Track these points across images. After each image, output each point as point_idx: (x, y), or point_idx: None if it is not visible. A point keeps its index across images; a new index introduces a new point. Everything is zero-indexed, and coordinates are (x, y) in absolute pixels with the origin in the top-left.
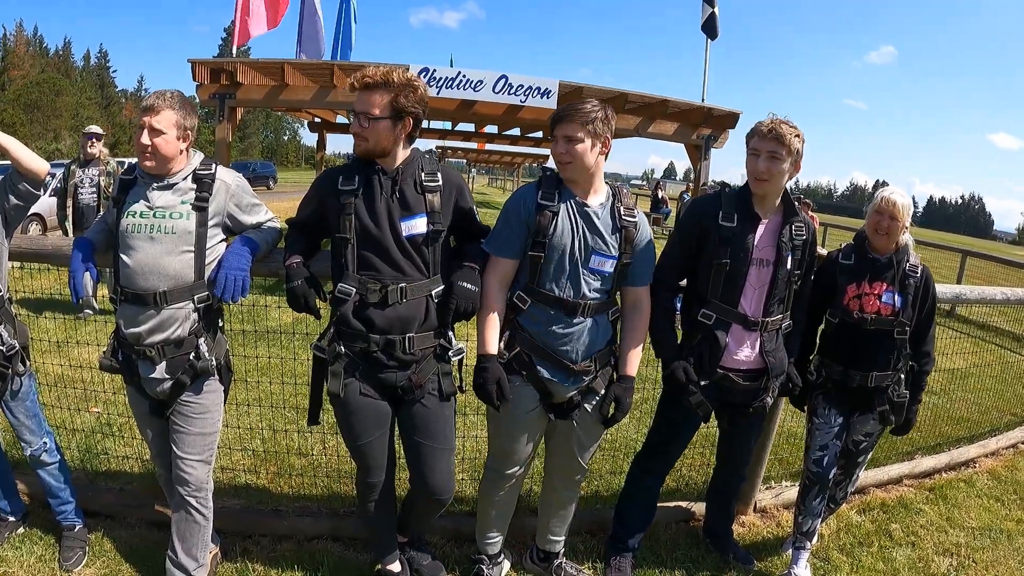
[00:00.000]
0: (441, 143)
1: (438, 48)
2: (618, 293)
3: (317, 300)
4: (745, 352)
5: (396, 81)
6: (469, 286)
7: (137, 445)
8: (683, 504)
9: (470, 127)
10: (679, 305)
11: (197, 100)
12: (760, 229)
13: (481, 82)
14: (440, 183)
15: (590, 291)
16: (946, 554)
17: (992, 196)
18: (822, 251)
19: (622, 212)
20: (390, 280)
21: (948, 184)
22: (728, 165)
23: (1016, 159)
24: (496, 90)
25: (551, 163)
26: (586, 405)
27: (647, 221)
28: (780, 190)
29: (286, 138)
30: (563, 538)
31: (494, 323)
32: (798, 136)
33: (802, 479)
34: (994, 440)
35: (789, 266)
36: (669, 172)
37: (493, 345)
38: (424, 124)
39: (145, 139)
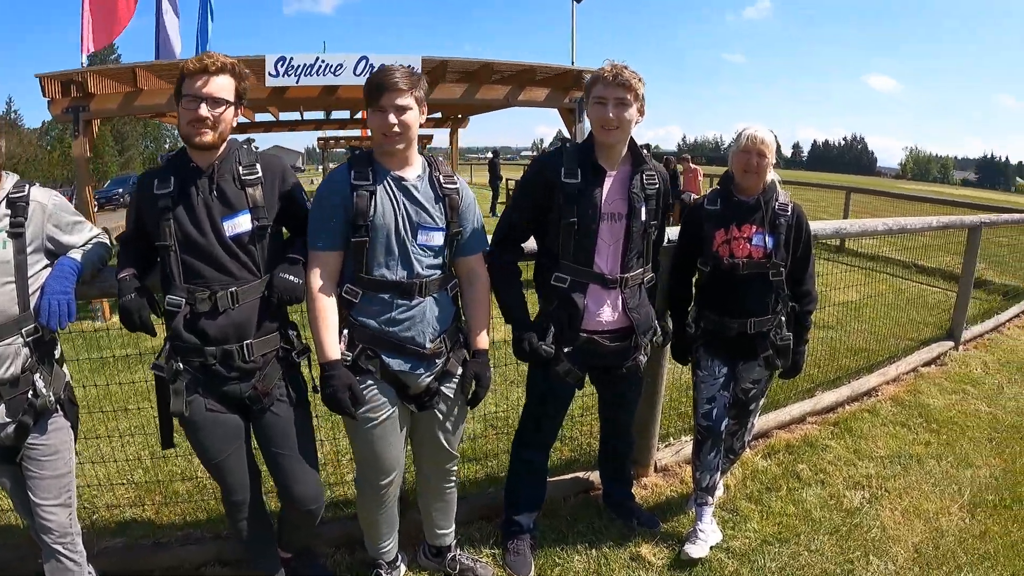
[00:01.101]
0: (322, 134)
1: (314, 36)
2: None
3: (152, 315)
4: (607, 312)
5: (239, 68)
6: (291, 278)
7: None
8: (581, 474)
9: (345, 114)
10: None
11: (50, 117)
12: (608, 182)
13: (341, 66)
14: (260, 174)
15: (424, 268)
16: (857, 487)
17: (874, 135)
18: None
19: (442, 181)
20: (218, 286)
21: (831, 128)
22: None
23: (893, 99)
24: (357, 73)
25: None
26: (444, 389)
27: (469, 188)
28: (627, 138)
29: (167, 146)
30: (451, 530)
31: (328, 324)
32: (641, 80)
33: (694, 434)
34: (893, 367)
35: (644, 218)
36: (559, 140)
37: (334, 349)
38: (297, 116)
39: None
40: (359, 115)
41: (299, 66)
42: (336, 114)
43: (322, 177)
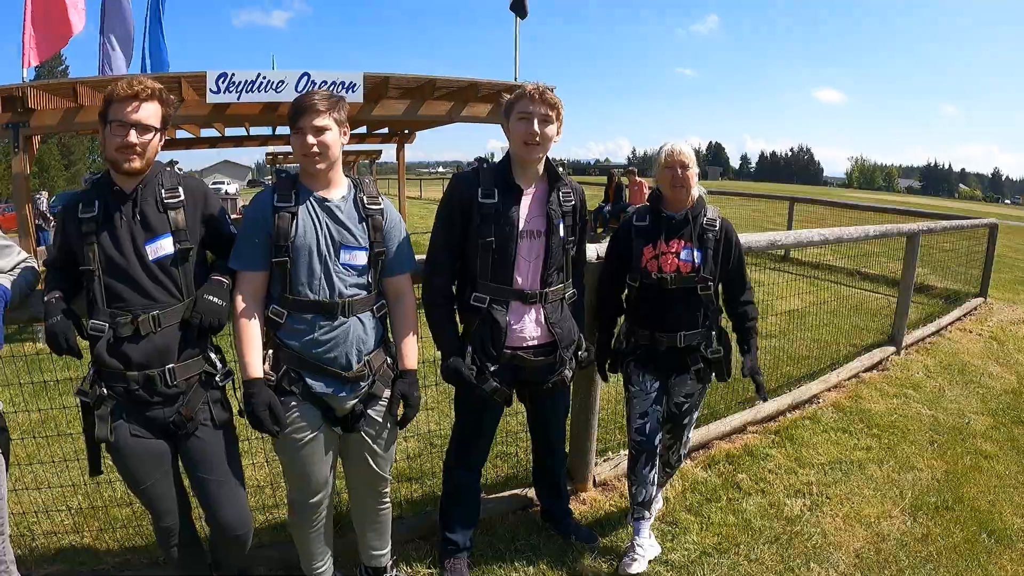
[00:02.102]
0: (270, 150)
1: (263, 49)
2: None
3: (78, 338)
4: (529, 328)
5: (165, 94)
6: (214, 299)
7: None
8: (519, 491)
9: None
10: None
11: None
12: (525, 200)
13: (283, 82)
14: (182, 197)
15: (347, 288)
16: (798, 495)
17: (820, 146)
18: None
19: (366, 202)
20: (140, 309)
21: (778, 139)
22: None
23: (840, 111)
24: (299, 89)
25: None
26: (371, 412)
27: (394, 208)
28: (545, 155)
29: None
30: (387, 550)
31: (252, 344)
32: (560, 101)
33: (629, 449)
34: (835, 373)
35: (562, 234)
36: None
37: (256, 368)
38: (243, 132)
39: None
40: None
41: (240, 82)
42: (282, 130)
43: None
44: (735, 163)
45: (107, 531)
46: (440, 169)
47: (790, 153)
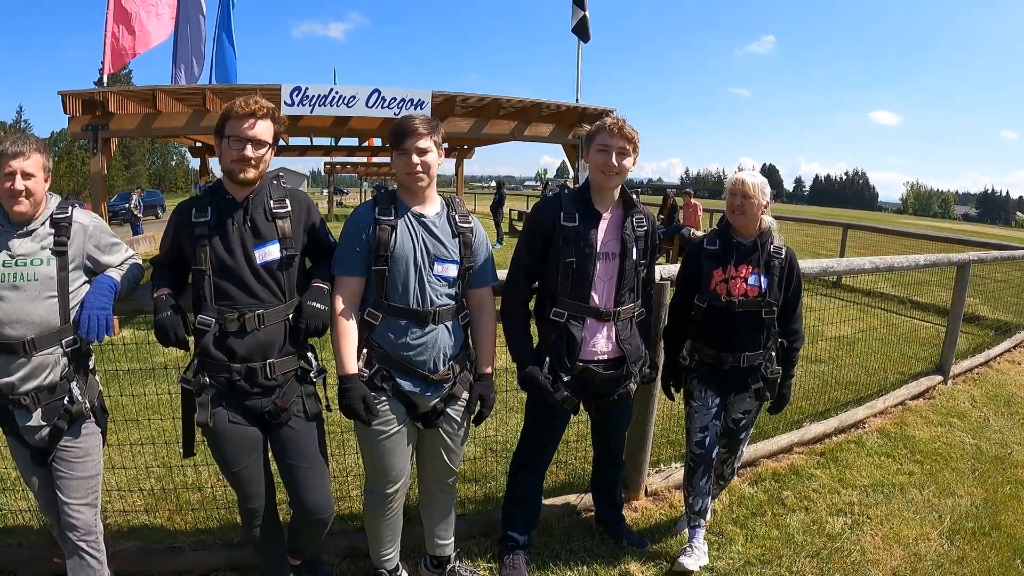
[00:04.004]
0: (329, 160)
1: (323, 60)
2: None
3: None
4: (601, 343)
5: (278, 113)
6: (318, 305)
7: (32, 498)
8: (574, 497)
9: (354, 141)
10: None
11: (58, 128)
12: (602, 224)
13: (354, 98)
14: (289, 208)
15: (438, 297)
16: (839, 514)
17: (875, 170)
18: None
19: (457, 220)
20: (247, 308)
21: (833, 162)
22: None
23: (896, 134)
24: (369, 105)
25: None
26: (450, 411)
27: (481, 227)
28: (621, 184)
29: (174, 163)
30: (451, 541)
31: (349, 342)
32: (637, 133)
33: (686, 461)
34: (881, 400)
35: (635, 257)
36: (562, 171)
37: (352, 364)
38: (307, 141)
39: (19, 184)
40: (366, 143)
41: (314, 96)
42: (344, 140)
43: (327, 200)
44: (789, 186)
45: (178, 513)
46: (492, 184)
47: (844, 177)
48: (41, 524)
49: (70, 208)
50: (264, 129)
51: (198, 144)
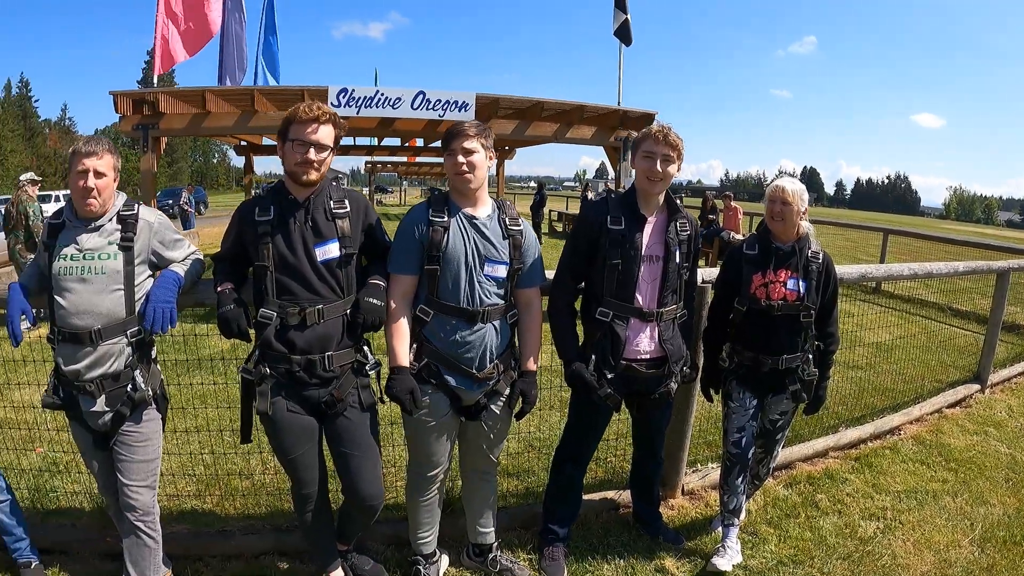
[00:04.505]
0: (370, 159)
1: (363, 60)
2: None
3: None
4: (644, 342)
5: (338, 119)
6: (375, 301)
7: (84, 481)
8: (612, 493)
9: (396, 141)
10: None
11: (102, 125)
12: (647, 228)
13: (399, 99)
14: (348, 209)
15: (488, 297)
16: (872, 518)
17: (918, 174)
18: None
19: (508, 223)
20: (307, 303)
21: (875, 165)
22: None
23: (939, 137)
24: (415, 106)
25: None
26: (492, 406)
27: (531, 228)
28: (666, 189)
29: (215, 160)
30: (492, 530)
31: (401, 336)
32: (682, 141)
33: (723, 460)
34: (917, 407)
35: (678, 260)
36: (601, 172)
37: (403, 357)
38: (350, 141)
39: (91, 182)
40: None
41: (360, 98)
42: (387, 140)
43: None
44: (830, 189)
45: (227, 499)
46: (531, 184)
47: (887, 181)
48: (94, 506)
49: (136, 206)
50: (326, 133)
51: (243, 143)
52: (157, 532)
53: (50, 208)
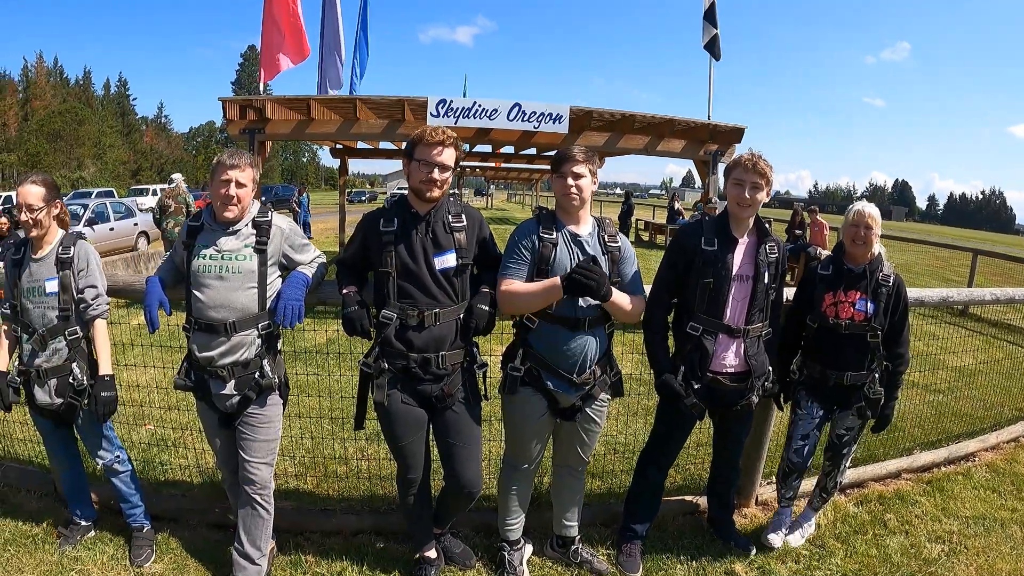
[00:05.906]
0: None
1: (450, 65)
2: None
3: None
4: (730, 357)
5: (459, 142)
6: (485, 307)
7: (193, 457)
8: (688, 498)
9: (487, 147)
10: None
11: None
12: (739, 249)
13: (496, 111)
14: (465, 223)
15: (589, 308)
16: (938, 541)
17: (1014, 190)
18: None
19: (606, 240)
20: (426, 307)
21: (969, 179)
22: None
23: None
24: (510, 118)
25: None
26: (588, 410)
27: (629, 243)
28: (756, 213)
29: (305, 159)
30: (576, 523)
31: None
32: (771, 168)
33: (781, 465)
34: (994, 435)
35: (766, 280)
36: (688, 180)
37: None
38: None
39: (232, 191)
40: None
41: (458, 109)
42: (479, 147)
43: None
44: (921, 203)
45: (326, 481)
46: (618, 191)
47: (980, 196)
48: (203, 480)
49: (270, 213)
50: (449, 156)
51: (338, 146)
52: (271, 505)
53: (145, 201)
